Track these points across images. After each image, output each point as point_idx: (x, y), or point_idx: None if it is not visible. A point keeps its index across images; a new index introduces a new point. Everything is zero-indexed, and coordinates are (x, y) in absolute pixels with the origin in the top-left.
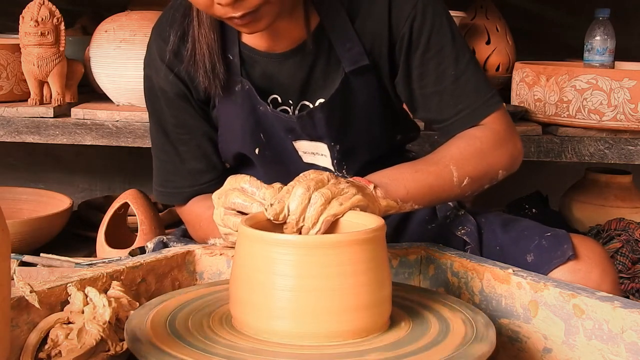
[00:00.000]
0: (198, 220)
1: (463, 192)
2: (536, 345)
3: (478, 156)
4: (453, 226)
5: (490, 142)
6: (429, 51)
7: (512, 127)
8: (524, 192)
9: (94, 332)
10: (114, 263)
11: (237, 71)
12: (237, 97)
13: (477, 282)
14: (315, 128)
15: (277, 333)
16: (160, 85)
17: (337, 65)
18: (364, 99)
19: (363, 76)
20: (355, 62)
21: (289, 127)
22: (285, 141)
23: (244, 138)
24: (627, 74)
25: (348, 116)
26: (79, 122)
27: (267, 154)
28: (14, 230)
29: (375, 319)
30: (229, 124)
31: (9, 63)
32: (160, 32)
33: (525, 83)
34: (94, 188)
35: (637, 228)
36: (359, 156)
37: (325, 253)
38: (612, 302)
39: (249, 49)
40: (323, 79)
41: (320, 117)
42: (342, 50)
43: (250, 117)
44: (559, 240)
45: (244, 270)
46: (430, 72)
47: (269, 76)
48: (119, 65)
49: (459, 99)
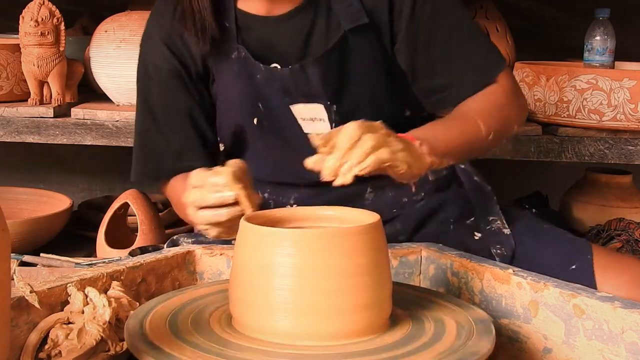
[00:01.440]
0: (180, 203)
1: (489, 146)
2: (536, 345)
3: (498, 111)
4: (490, 240)
5: (504, 98)
6: (435, 15)
7: (517, 83)
8: (524, 192)
9: (94, 332)
10: (114, 263)
11: (233, 38)
12: (234, 65)
13: (477, 282)
14: (309, 84)
15: (277, 333)
16: (154, 62)
17: (337, 27)
18: (363, 60)
19: (363, 36)
20: (354, 20)
21: (284, 86)
22: (282, 107)
23: (242, 108)
24: (627, 74)
25: (345, 75)
26: (79, 122)
27: (265, 124)
28: (14, 230)
29: (376, 319)
30: (227, 94)
31: (9, 63)
32: (158, 9)
33: (525, 83)
34: (94, 188)
35: (637, 228)
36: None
37: (325, 244)
38: (612, 302)
39: (245, 14)
40: (323, 41)
41: (314, 71)
42: (340, 8)
43: (247, 85)
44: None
45: (243, 267)
46: (437, 36)
47: (266, 42)
48: (119, 65)
49: (469, 59)
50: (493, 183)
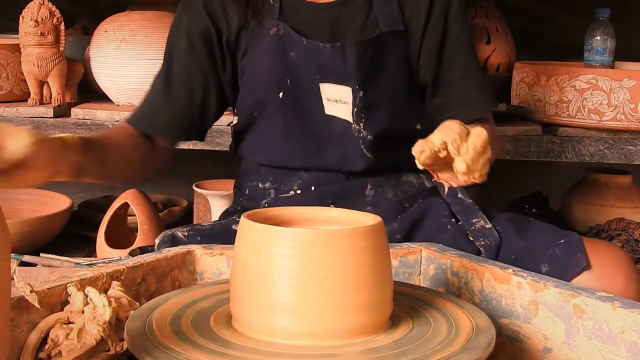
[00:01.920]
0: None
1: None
2: (536, 345)
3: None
4: (475, 236)
5: (491, 135)
6: (460, 39)
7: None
8: (524, 192)
9: (94, 332)
10: (114, 263)
11: (275, 15)
12: (271, 40)
13: (477, 282)
14: (345, 64)
15: (277, 333)
16: (188, 20)
17: (375, 25)
18: (394, 62)
19: (396, 42)
20: (392, 25)
21: (320, 63)
22: (312, 86)
23: (270, 81)
24: (627, 74)
25: (378, 67)
26: (79, 122)
27: (290, 100)
28: (14, 230)
29: (377, 319)
30: (256, 67)
31: (9, 63)
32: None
33: (525, 83)
34: (94, 188)
35: (637, 228)
36: (379, 115)
37: (326, 245)
38: (612, 302)
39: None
40: (358, 35)
41: (352, 53)
42: (382, 11)
43: (280, 60)
44: (572, 249)
45: (244, 267)
46: (460, 58)
47: (306, 26)
48: (119, 65)
49: (475, 89)
50: (493, 183)
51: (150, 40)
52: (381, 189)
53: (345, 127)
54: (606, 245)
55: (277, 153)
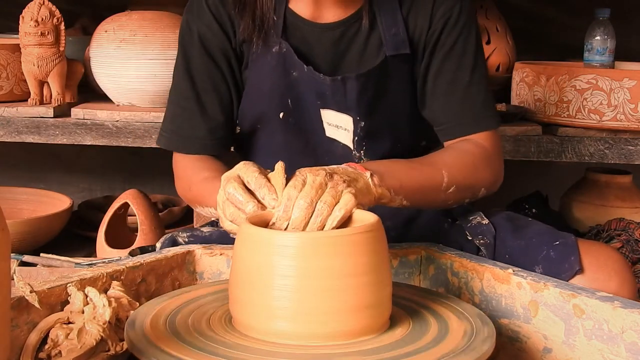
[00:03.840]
0: (188, 183)
1: (446, 199)
2: (536, 345)
3: (469, 169)
4: (473, 233)
5: (481, 159)
6: (451, 53)
7: (500, 150)
8: (524, 192)
9: (94, 332)
10: (114, 263)
11: (279, 33)
12: (273, 58)
13: (477, 282)
14: (345, 96)
15: (277, 333)
16: (200, 31)
17: (377, 46)
18: (397, 87)
19: (401, 65)
20: (397, 49)
21: (321, 91)
22: (312, 108)
23: (271, 100)
24: (627, 74)
25: (379, 96)
26: (79, 122)
27: (290, 120)
28: (14, 230)
29: (376, 319)
30: (258, 84)
31: (9, 63)
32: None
33: (525, 83)
34: (94, 188)
35: (637, 228)
36: (380, 143)
37: (326, 245)
38: (612, 302)
39: (295, 15)
40: (359, 57)
41: (354, 85)
42: (387, 34)
43: (282, 80)
44: (567, 251)
45: (244, 267)
46: (446, 73)
47: (308, 45)
48: (119, 65)
49: (464, 106)
50: None
51: (150, 40)
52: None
53: (345, 151)
54: (601, 247)
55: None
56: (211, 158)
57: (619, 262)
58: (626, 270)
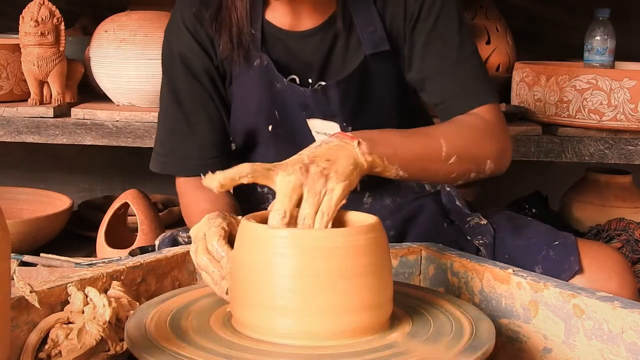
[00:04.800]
0: (190, 212)
1: (450, 171)
2: (536, 345)
3: (469, 138)
4: (472, 234)
5: (482, 130)
6: (433, 32)
7: (504, 124)
8: (524, 192)
9: (94, 332)
10: (114, 263)
11: (258, 46)
12: (255, 72)
13: (477, 282)
14: (329, 104)
15: (277, 333)
16: (181, 52)
17: (357, 46)
18: (381, 85)
19: (383, 61)
20: (376, 47)
21: (304, 102)
22: (299, 119)
23: (259, 114)
24: (627, 74)
25: (364, 99)
26: (79, 122)
27: (279, 132)
28: (14, 230)
29: (377, 319)
30: (244, 98)
31: (9, 63)
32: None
33: (525, 83)
34: (94, 188)
35: (637, 228)
36: None
37: (326, 244)
38: (612, 302)
39: (272, 26)
40: (342, 59)
41: (335, 93)
42: (364, 33)
43: (267, 93)
44: (566, 251)
45: (243, 267)
46: (432, 53)
47: (289, 54)
48: (119, 65)
49: (457, 82)
50: (493, 183)
51: (150, 40)
52: (379, 197)
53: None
54: (601, 247)
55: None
56: None
57: (619, 263)
58: (626, 270)
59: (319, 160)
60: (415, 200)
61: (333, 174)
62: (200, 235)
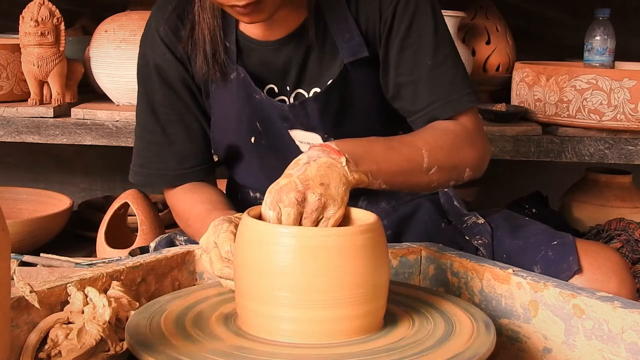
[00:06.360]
0: (186, 217)
1: (430, 181)
2: (536, 345)
3: (450, 148)
4: (470, 233)
5: (462, 138)
6: (408, 38)
7: (482, 129)
8: (524, 192)
9: (94, 332)
10: (114, 263)
11: (234, 59)
12: (233, 85)
13: (477, 282)
14: (308, 118)
15: (278, 332)
16: (156, 63)
17: (334, 53)
18: (362, 92)
19: (362, 68)
20: (354, 54)
21: (283, 115)
22: (281, 130)
23: (240, 126)
24: (627, 74)
25: (344, 109)
26: (79, 122)
27: (263, 143)
28: (14, 230)
29: (375, 318)
30: (224, 112)
31: (9, 63)
32: (161, 10)
33: (525, 83)
34: (94, 188)
35: (637, 228)
36: None
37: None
38: (612, 302)
39: (246, 37)
40: (319, 65)
41: (314, 107)
42: (341, 41)
43: (246, 105)
44: (565, 251)
45: (243, 266)
46: (407, 59)
47: (265, 64)
48: (119, 65)
49: (433, 89)
50: (493, 183)
51: None
52: (375, 200)
53: None
54: (600, 247)
55: (261, 186)
56: (201, 185)
57: (618, 263)
58: (625, 270)
59: (313, 185)
60: (411, 201)
61: (331, 201)
62: (211, 245)
